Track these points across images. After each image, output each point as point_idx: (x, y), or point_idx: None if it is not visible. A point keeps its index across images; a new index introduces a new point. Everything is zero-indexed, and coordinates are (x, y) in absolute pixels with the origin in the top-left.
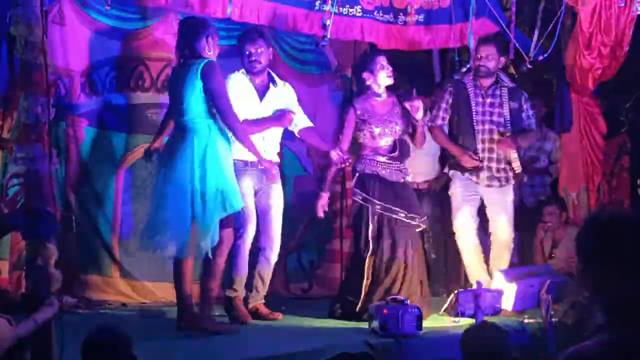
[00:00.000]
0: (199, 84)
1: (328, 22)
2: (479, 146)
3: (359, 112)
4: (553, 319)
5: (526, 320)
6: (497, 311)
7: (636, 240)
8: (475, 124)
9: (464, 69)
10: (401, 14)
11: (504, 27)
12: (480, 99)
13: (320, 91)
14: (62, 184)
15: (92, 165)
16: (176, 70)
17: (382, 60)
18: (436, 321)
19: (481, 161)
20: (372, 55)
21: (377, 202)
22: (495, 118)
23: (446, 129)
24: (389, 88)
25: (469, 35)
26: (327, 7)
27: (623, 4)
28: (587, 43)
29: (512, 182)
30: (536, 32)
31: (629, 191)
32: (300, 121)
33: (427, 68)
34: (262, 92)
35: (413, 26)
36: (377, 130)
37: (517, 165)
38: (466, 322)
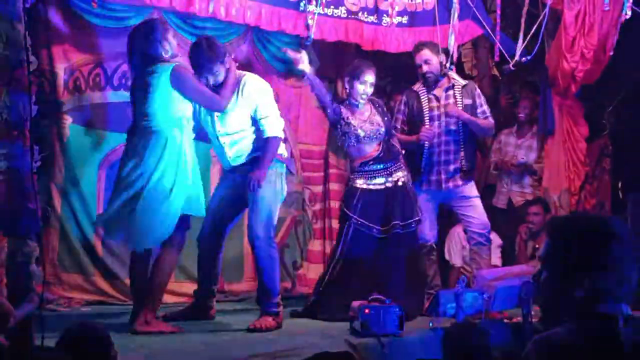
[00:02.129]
0: (169, 91)
1: (311, 22)
2: (435, 149)
3: (342, 113)
4: (533, 320)
5: (506, 321)
6: (478, 311)
7: (580, 245)
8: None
9: (448, 70)
10: (385, 15)
11: (488, 29)
12: (434, 104)
13: (302, 92)
14: (45, 181)
15: (75, 163)
16: (140, 79)
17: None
18: (418, 321)
19: (438, 172)
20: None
21: (354, 217)
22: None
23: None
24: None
25: (451, 36)
26: (312, 8)
27: (608, 9)
28: (569, 46)
29: (468, 180)
30: (520, 35)
31: (610, 194)
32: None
33: (411, 70)
34: None
35: (397, 28)
36: (361, 133)
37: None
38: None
